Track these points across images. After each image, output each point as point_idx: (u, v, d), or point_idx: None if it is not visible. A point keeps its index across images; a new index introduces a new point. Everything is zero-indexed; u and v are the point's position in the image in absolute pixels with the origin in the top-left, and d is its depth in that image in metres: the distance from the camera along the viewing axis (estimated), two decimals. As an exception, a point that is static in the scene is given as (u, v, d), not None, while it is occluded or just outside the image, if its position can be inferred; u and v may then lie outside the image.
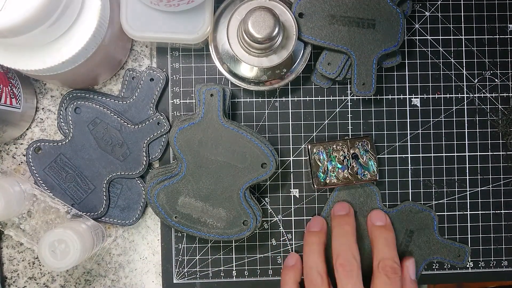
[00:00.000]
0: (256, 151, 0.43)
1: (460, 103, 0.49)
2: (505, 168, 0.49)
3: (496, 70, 0.49)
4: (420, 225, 0.47)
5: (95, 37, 0.37)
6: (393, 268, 0.42)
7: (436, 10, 0.48)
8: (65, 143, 0.45)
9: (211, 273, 0.48)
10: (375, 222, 0.45)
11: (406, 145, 0.48)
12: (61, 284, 0.47)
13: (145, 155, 0.46)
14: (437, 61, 0.48)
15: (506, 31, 0.49)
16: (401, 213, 0.47)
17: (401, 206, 0.47)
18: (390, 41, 0.45)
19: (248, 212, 0.44)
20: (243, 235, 0.44)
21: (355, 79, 0.45)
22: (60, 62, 0.36)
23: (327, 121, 0.48)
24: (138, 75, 0.46)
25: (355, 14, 0.44)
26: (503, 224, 0.49)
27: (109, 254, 0.48)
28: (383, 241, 0.44)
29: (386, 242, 0.44)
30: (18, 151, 0.47)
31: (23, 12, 0.31)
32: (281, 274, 0.46)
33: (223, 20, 0.44)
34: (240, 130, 0.43)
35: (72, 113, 0.45)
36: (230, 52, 0.44)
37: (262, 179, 0.43)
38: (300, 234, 0.48)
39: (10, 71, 0.43)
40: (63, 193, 0.46)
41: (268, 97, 0.48)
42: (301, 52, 0.45)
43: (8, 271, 0.47)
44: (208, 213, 0.44)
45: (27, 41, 0.34)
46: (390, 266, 0.42)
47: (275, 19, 0.39)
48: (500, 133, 0.49)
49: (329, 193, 0.48)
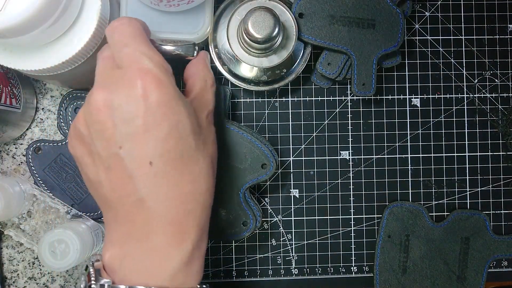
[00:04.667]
0: (256, 152, 0.43)
1: (460, 103, 0.49)
2: (505, 168, 0.49)
3: (496, 70, 0.49)
4: (473, 230, 0.47)
5: (95, 37, 0.37)
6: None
7: (436, 10, 0.48)
8: (65, 143, 0.45)
9: (211, 273, 0.48)
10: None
11: (406, 145, 0.48)
12: (61, 284, 0.47)
13: (145, 155, 0.46)
14: (437, 61, 0.48)
15: (506, 31, 0.49)
16: (452, 224, 0.47)
17: (450, 217, 0.47)
18: (390, 41, 0.45)
19: (248, 213, 0.44)
20: (242, 236, 0.44)
21: (355, 79, 0.45)
22: (60, 62, 0.36)
23: (327, 121, 0.48)
24: (138, 75, 0.46)
25: (355, 14, 0.44)
26: (503, 224, 0.49)
27: (109, 254, 0.48)
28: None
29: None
30: (18, 151, 0.47)
31: (23, 12, 0.31)
32: None
33: (223, 20, 0.44)
34: (241, 131, 0.43)
35: (72, 113, 0.45)
36: (230, 52, 0.44)
37: (262, 179, 0.43)
38: (300, 234, 0.48)
39: (10, 71, 0.43)
40: (63, 193, 0.46)
41: (268, 97, 0.48)
42: (301, 52, 0.45)
43: (8, 271, 0.47)
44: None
45: (27, 41, 0.34)
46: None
47: (275, 19, 0.39)
48: (500, 133, 0.49)
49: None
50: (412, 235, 0.47)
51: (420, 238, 0.47)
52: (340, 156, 0.48)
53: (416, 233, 0.47)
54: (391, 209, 0.47)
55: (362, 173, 0.48)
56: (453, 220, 0.47)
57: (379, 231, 0.47)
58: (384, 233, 0.47)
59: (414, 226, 0.47)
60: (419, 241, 0.47)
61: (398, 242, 0.47)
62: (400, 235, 0.47)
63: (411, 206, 0.47)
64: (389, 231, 0.47)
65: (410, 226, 0.47)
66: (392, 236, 0.47)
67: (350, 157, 0.48)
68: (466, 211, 0.48)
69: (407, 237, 0.47)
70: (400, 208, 0.47)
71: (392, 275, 0.47)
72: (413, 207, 0.47)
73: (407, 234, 0.47)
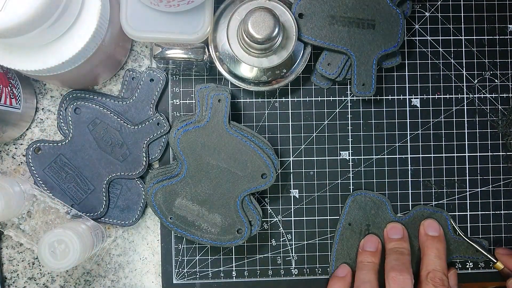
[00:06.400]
0: (257, 161, 0.43)
1: (460, 103, 0.49)
2: (505, 168, 0.49)
3: (496, 71, 0.49)
4: None
5: (95, 37, 0.37)
6: (442, 280, 0.42)
7: (436, 11, 0.48)
8: (65, 143, 0.45)
9: (210, 273, 0.48)
10: (429, 231, 0.46)
11: (406, 146, 0.48)
12: (60, 284, 0.47)
13: (145, 155, 0.46)
14: (437, 62, 0.48)
15: (506, 32, 0.49)
16: (414, 219, 0.47)
17: (412, 212, 0.47)
18: (390, 41, 0.45)
19: (244, 221, 0.44)
20: (236, 243, 0.44)
21: (355, 79, 0.45)
22: (60, 62, 0.36)
23: (327, 122, 0.48)
24: (138, 76, 0.46)
25: (355, 14, 0.44)
26: (503, 224, 0.49)
27: (109, 255, 0.48)
28: (436, 252, 0.44)
29: (438, 253, 0.44)
30: (18, 152, 0.47)
31: (23, 13, 0.31)
32: (329, 282, 0.46)
33: (223, 20, 0.44)
34: (244, 139, 0.43)
35: (72, 114, 0.45)
36: (230, 53, 0.44)
37: (260, 189, 0.43)
38: (300, 235, 0.48)
39: (10, 71, 0.43)
40: (63, 194, 0.46)
41: (268, 97, 0.48)
42: (301, 53, 0.45)
43: (8, 271, 0.47)
44: (204, 217, 0.44)
45: (27, 42, 0.34)
46: (440, 277, 0.42)
47: (275, 19, 0.39)
48: (500, 133, 0.49)
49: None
50: (373, 225, 0.47)
51: (380, 230, 0.47)
52: (340, 156, 0.48)
53: (377, 224, 0.47)
54: (354, 197, 0.47)
55: (362, 173, 0.48)
56: (415, 215, 0.47)
57: (340, 218, 0.47)
58: (345, 220, 0.47)
59: (376, 216, 0.47)
60: (379, 232, 0.47)
61: (358, 230, 0.47)
62: (360, 224, 0.47)
63: (374, 196, 0.47)
64: (350, 219, 0.47)
65: (372, 216, 0.47)
66: (353, 224, 0.47)
67: (350, 157, 0.48)
68: (430, 207, 0.47)
69: (367, 226, 0.47)
70: (364, 197, 0.47)
71: (349, 263, 0.47)
72: (376, 197, 0.47)
73: (368, 224, 0.47)
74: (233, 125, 0.44)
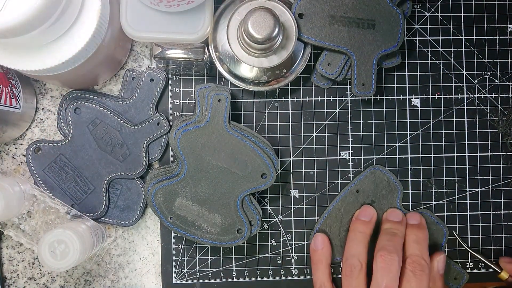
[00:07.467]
0: (257, 161, 0.43)
1: (460, 103, 0.49)
2: (505, 168, 0.49)
3: (496, 71, 0.49)
4: (430, 238, 0.46)
5: (95, 37, 0.37)
6: (420, 264, 0.42)
7: (436, 11, 0.48)
8: (65, 143, 0.45)
9: (210, 273, 0.48)
10: (410, 221, 0.46)
11: (406, 146, 0.48)
12: (60, 284, 0.47)
13: (145, 155, 0.46)
14: (437, 62, 0.48)
15: (506, 32, 0.49)
16: None
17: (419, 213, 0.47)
18: (390, 41, 0.45)
19: (244, 221, 0.44)
20: (236, 243, 0.44)
21: (355, 79, 0.45)
22: (60, 62, 0.36)
23: (327, 122, 0.48)
24: (138, 76, 0.46)
25: (355, 14, 0.44)
26: (503, 224, 0.49)
27: (109, 255, 0.48)
28: (414, 238, 0.44)
29: (417, 239, 0.44)
30: (18, 152, 0.47)
31: (23, 12, 0.31)
32: (311, 256, 0.46)
33: (223, 20, 0.44)
34: (244, 139, 0.43)
35: (72, 114, 0.45)
36: (230, 52, 0.44)
37: (260, 189, 0.43)
38: (300, 235, 0.48)
39: (10, 71, 0.43)
40: (63, 194, 0.46)
41: (268, 97, 0.48)
42: (301, 53, 0.45)
43: (8, 271, 0.47)
44: (204, 217, 0.44)
45: (27, 41, 0.34)
46: (418, 262, 0.42)
47: (275, 19, 0.39)
48: (500, 133, 0.49)
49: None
50: (377, 204, 0.47)
51: (382, 212, 0.47)
52: (340, 156, 0.48)
53: (381, 205, 0.47)
54: (374, 170, 0.47)
55: (362, 173, 0.48)
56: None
57: (351, 183, 0.47)
58: (355, 186, 0.47)
59: (384, 198, 0.47)
60: (379, 213, 0.47)
61: (361, 201, 0.47)
62: (367, 196, 0.47)
63: (392, 178, 0.47)
64: (360, 187, 0.47)
65: (380, 196, 0.47)
66: (360, 193, 0.47)
67: (350, 157, 0.48)
68: (435, 217, 0.47)
69: (372, 202, 0.47)
70: (382, 175, 0.47)
71: (338, 225, 0.47)
72: (393, 181, 0.47)
73: (373, 200, 0.47)
74: (233, 125, 0.44)
